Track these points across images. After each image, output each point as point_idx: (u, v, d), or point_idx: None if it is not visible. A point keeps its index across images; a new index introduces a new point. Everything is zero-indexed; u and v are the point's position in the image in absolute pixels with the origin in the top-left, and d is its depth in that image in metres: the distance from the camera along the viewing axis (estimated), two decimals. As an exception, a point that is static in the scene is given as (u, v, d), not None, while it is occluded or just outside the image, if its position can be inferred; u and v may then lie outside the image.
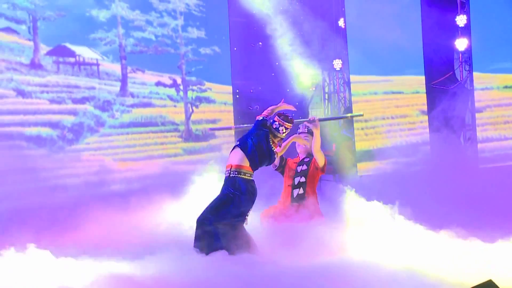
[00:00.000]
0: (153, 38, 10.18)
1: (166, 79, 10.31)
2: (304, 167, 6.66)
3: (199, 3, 10.57)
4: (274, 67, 11.00)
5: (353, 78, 11.49)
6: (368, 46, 11.21)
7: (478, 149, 12.22)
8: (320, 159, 6.55)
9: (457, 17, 12.16)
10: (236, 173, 5.67)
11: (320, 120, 6.79)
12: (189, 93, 10.51)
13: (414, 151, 11.76)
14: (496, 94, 12.44)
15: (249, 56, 10.92)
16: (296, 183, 6.61)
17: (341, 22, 11.87)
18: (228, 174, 5.69)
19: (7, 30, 8.93)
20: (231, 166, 5.69)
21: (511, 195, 9.11)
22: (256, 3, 10.74)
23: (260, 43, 10.96)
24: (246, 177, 5.68)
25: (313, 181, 6.66)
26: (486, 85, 12.40)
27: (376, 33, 11.06)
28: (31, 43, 9.12)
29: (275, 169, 6.76)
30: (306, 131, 6.79)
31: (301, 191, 6.58)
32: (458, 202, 9.00)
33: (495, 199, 8.82)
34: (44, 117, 9.18)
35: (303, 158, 6.77)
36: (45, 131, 9.15)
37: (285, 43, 11.06)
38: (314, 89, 11.88)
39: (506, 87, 12.45)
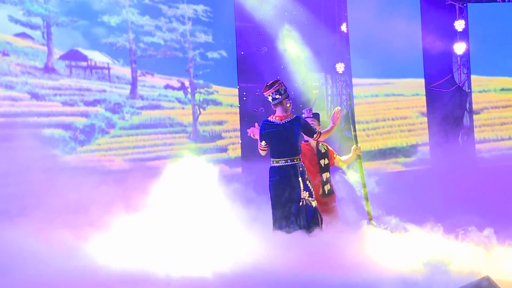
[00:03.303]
0: (162, 42, 10.35)
1: (174, 82, 10.48)
2: (327, 160, 6.47)
3: (207, 9, 10.74)
4: (279, 70, 11.18)
5: (355, 81, 11.62)
6: (370, 50, 11.36)
7: (476, 150, 12.47)
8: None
9: (456, 22, 12.41)
10: None
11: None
12: (197, 96, 10.69)
13: (414, 151, 12.01)
14: (493, 96, 12.66)
15: (255, 59, 11.05)
16: (324, 179, 6.42)
17: (343, 27, 12.06)
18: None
19: (22, 35, 9.11)
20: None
21: (509, 194, 9.36)
22: (261, 9, 10.95)
23: (265, 47, 11.14)
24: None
25: None
26: (483, 87, 12.63)
27: (378, 37, 11.28)
28: (45, 48, 9.29)
29: None
30: (312, 115, 6.47)
31: (329, 186, 6.45)
32: (456, 201, 9.24)
33: (493, 199, 9.04)
34: (57, 119, 9.35)
35: (318, 148, 6.49)
36: (58, 132, 9.32)
37: (289, 47, 11.29)
38: (317, 91, 12.07)
39: (502, 89, 12.68)
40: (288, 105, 6.09)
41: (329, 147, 6.65)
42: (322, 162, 6.45)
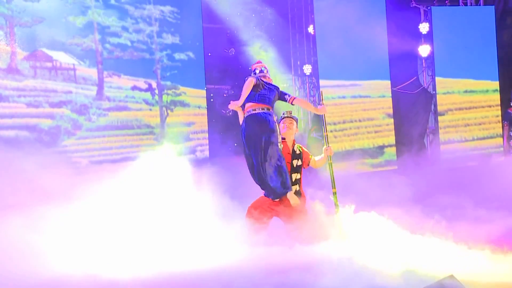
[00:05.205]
0: (129, 43, 10.27)
1: (141, 83, 10.40)
2: (300, 162, 6.43)
3: (174, 10, 10.68)
4: (247, 71, 11.16)
5: (322, 82, 11.63)
6: (337, 52, 11.40)
7: (441, 151, 12.68)
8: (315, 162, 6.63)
9: (420, 24, 12.65)
10: None
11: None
12: (164, 97, 10.62)
13: (380, 152, 12.15)
14: (457, 98, 12.90)
15: (222, 61, 11.09)
16: (294, 179, 6.35)
17: (310, 29, 12.18)
18: None
19: (-16, 35, 8.94)
20: None
21: (473, 194, 9.53)
22: (229, 10, 10.98)
23: (233, 49, 11.15)
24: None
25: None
26: (447, 89, 12.86)
27: (345, 39, 11.42)
28: (8, 48, 9.12)
29: None
30: (290, 115, 6.54)
31: (297, 187, 6.38)
32: (422, 201, 9.39)
33: (457, 199, 9.18)
34: (22, 120, 9.20)
35: (293, 148, 6.47)
36: (22, 134, 9.18)
37: (257, 49, 11.33)
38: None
39: (466, 91, 12.92)
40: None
41: (304, 149, 6.64)
42: (294, 162, 6.40)
